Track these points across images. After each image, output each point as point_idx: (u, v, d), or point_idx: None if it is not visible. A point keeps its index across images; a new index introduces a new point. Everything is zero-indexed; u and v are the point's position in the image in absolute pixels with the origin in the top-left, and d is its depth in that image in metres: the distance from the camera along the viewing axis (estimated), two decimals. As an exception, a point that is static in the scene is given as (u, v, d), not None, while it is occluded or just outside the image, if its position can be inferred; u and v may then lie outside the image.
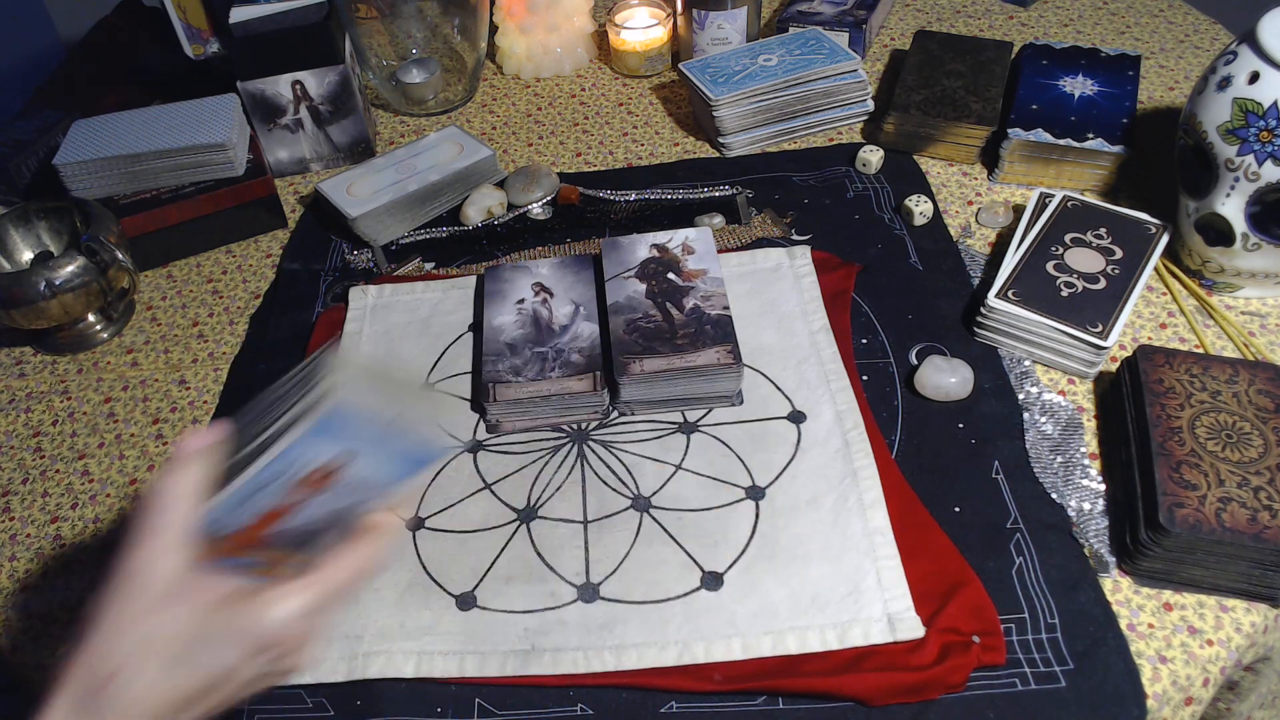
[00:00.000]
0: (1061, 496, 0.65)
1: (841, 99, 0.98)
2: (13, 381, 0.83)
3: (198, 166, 0.91)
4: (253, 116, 0.98)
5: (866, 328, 0.78)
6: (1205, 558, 0.58)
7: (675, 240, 0.80)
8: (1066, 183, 0.89)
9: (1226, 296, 0.78)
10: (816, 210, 0.90)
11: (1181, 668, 0.57)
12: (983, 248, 0.85)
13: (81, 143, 0.92)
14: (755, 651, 0.58)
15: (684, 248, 0.79)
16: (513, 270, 0.80)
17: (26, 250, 0.86)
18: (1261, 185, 0.70)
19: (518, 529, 0.66)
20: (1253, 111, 0.68)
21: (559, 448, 0.71)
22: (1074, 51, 0.97)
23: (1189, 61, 1.06)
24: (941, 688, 0.55)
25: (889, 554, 0.61)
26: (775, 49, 1.00)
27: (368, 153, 1.03)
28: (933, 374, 0.71)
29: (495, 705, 0.57)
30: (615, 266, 0.78)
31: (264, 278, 0.90)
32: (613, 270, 0.78)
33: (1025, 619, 0.59)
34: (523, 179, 0.93)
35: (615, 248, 0.80)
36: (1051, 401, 0.71)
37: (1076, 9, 1.16)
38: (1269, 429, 0.62)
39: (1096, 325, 0.70)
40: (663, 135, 1.03)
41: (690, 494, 0.67)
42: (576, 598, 0.62)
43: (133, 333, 0.87)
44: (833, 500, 0.65)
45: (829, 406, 0.71)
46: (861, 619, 0.58)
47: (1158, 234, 0.78)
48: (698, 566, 0.62)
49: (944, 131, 0.92)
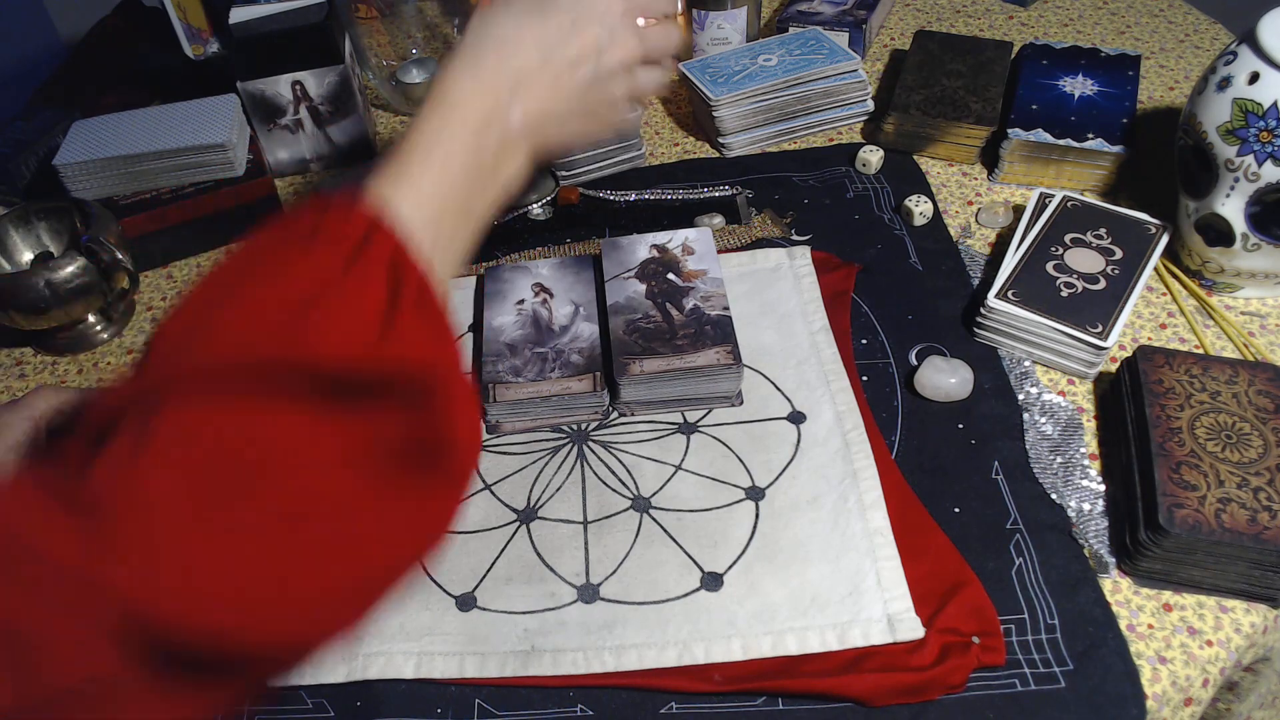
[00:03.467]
0: (1061, 497, 0.65)
1: (841, 99, 0.98)
2: (13, 381, 0.83)
3: (198, 166, 0.91)
4: (253, 116, 0.98)
5: (866, 328, 0.78)
6: (1205, 558, 0.58)
7: (675, 240, 0.80)
8: (1066, 183, 0.89)
9: (1226, 297, 0.78)
10: (816, 210, 0.90)
11: (1181, 668, 0.57)
12: (983, 248, 0.85)
13: (81, 143, 0.92)
14: (755, 652, 0.58)
15: (684, 248, 0.79)
16: (512, 270, 0.80)
17: (26, 250, 0.86)
18: (1261, 185, 0.70)
19: (517, 529, 0.66)
20: (1253, 112, 0.68)
21: (559, 448, 0.71)
22: (1074, 51, 0.97)
23: (1189, 61, 1.06)
24: (941, 688, 0.55)
25: (889, 554, 0.61)
26: (775, 49, 1.00)
27: (368, 153, 1.03)
28: (933, 374, 0.71)
29: (495, 706, 0.57)
30: (615, 267, 0.78)
31: (264, 278, 0.90)
32: (613, 270, 0.78)
33: (1025, 619, 0.59)
34: (522, 179, 0.93)
35: (615, 248, 0.80)
36: (1051, 402, 0.71)
37: (1076, 9, 1.16)
38: (1269, 429, 0.62)
39: (1096, 325, 0.71)
40: (663, 135, 1.03)
41: (690, 494, 0.67)
42: (576, 598, 0.62)
43: (133, 333, 0.87)
44: (833, 501, 0.65)
45: (829, 407, 0.71)
46: (861, 619, 0.58)
47: (1158, 234, 0.78)
48: (697, 567, 0.63)
49: (944, 131, 0.92)
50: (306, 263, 0.40)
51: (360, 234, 0.40)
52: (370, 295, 0.39)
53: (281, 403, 0.36)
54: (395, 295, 0.40)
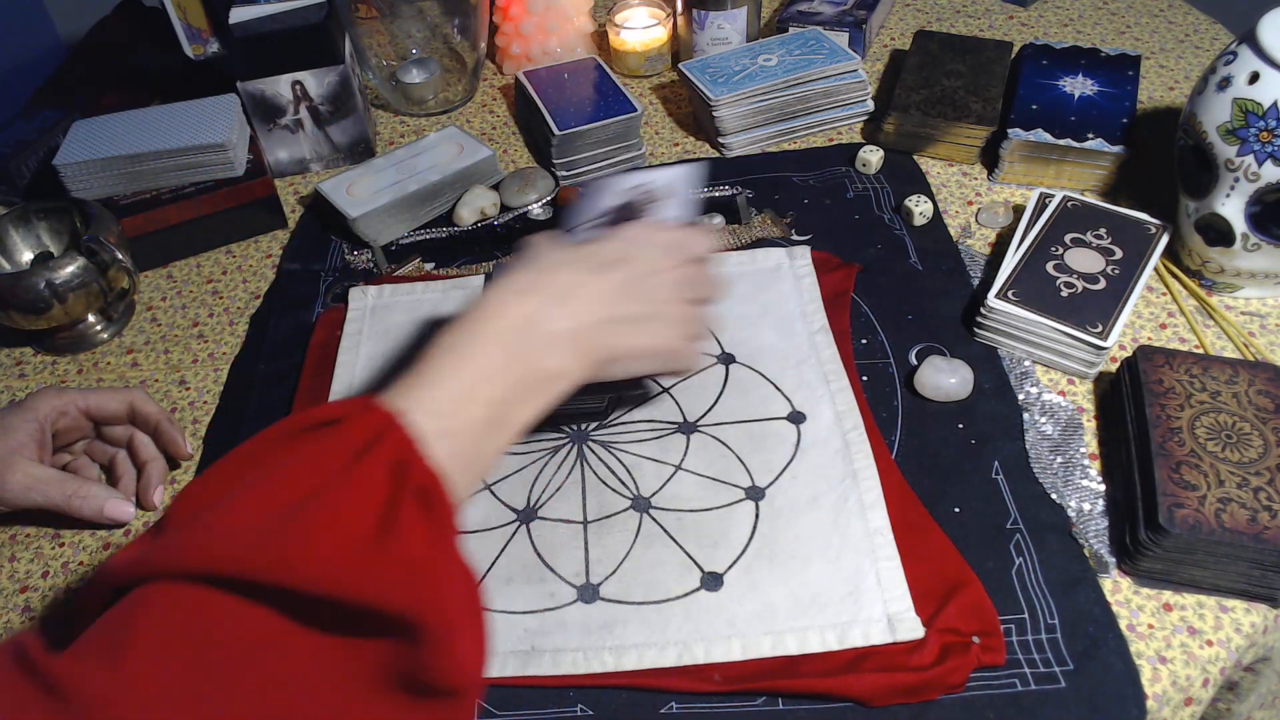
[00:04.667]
0: (1061, 497, 0.65)
1: (841, 99, 0.98)
2: (13, 381, 0.83)
3: (198, 167, 0.91)
4: (253, 116, 0.98)
5: (866, 328, 0.78)
6: (1205, 558, 0.58)
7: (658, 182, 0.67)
8: (1066, 183, 0.89)
9: (1226, 296, 0.78)
10: (816, 210, 0.90)
11: (1181, 668, 0.57)
12: (983, 248, 0.85)
13: (81, 143, 0.92)
14: (755, 652, 0.58)
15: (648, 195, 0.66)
16: None
17: (26, 250, 0.86)
18: (1261, 185, 0.70)
19: (517, 529, 0.66)
20: (1253, 111, 0.68)
21: (559, 448, 0.71)
22: (1074, 51, 0.97)
23: (1189, 61, 1.06)
24: (941, 688, 0.55)
25: (889, 554, 0.61)
26: (775, 49, 1.00)
27: (368, 153, 1.03)
28: (933, 374, 0.71)
29: (495, 705, 0.57)
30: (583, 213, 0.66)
31: (264, 278, 0.90)
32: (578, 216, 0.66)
33: (1025, 619, 0.59)
34: (518, 181, 0.93)
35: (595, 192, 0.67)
36: (1051, 402, 0.71)
37: (1076, 9, 1.16)
38: (1269, 429, 0.62)
39: (1096, 325, 0.70)
40: (663, 135, 1.03)
41: (690, 494, 0.67)
42: (576, 598, 0.62)
43: (133, 333, 0.87)
44: (832, 501, 0.65)
45: (829, 407, 0.71)
46: (861, 619, 0.58)
47: (1158, 234, 0.78)
48: (697, 567, 0.63)
49: (944, 131, 0.92)
50: (313, 458, 0.39)
51: (370, 436, 0.40)
52: (370, 495, 0.38)
53: (269, 619, 0.36)
54: (396, 497, 0.39)
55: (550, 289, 0.50)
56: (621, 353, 0.53)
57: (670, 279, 0.55)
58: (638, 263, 0.54)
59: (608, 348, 0.52)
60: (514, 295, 0.49)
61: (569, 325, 0.50)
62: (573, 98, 0.98)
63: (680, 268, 0.56)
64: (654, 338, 0.54)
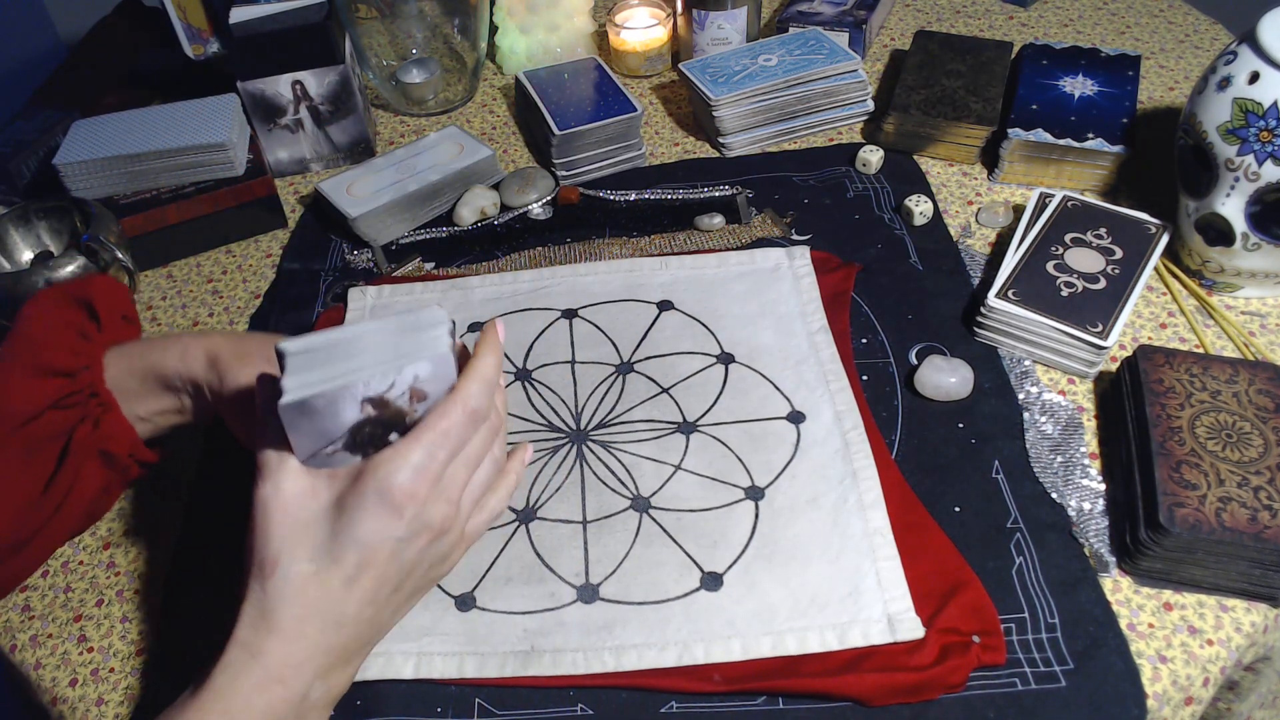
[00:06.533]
0: (1061, 496, 0.65)
1: (841, 99, 0.98)
2: (12, 382, 0.83)
3: (198, 166, 0.91)
4: (253, 116, 0.98)
5: (866, 328, 0.78)
6: (1205, 557, 0.58)
7: (400, 386, 0.48)
8: (1066, 183, 0.89)
9: (1226, 296, 0.78)
10: (816, 210, 0.90)
11: (1181, 667, 0.57)
12: (983, 248, 0.85)
13: (81, 143, 0.92)
14: (755, 652, 0.58)
15: (413, 393, 0.49)
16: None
17: (26, 250, 0.86)
18: (1261, 185, 0.70)
19: (517, 530, 0.66)
20: (1253, 111, 0.68)
21: (558, 448, 0.71)
22: (1074, 51, 0.97)
23: (1189, 61, 1.06)
24: (941, 688, 0.55)
25: (889, 554, 0.61)
26: (775, 49, 1.00)
27: (368, 153, 1.03)
28: (933, 374, 0.71)
29: (495, 706, 0.57)
30: (312, 441, 0.49)
31: (264, 278, 0.90)
32: (309, 448, 0.49)
33: (1025, 619, 0.59)
34: (518, 181, 0.93)
35: (305, 413, 0.47)
36: (1051, 401, 0.71)
37: (1076, 9, 1.16)
38: (1269, 429, 0.62)
39: (1096, 325, 0.70)
40: (663, 135, 1.03)
41: (689, 494, 0.67)
42: (576, 598, 0.62)
43: (132, 333, 0.87)
44: (832, 500, 0.65)
45: (828, 407, 0.71)
46: (861, 619, 0.58)
47: (1158, 234, 0.78)
48: (697, 567, 0.62)
49: (944, 131, 0.92)
50: None
51: None
52: None
53: None
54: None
55: (316, 661, 0.49)
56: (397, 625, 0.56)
57: (425, 556, 0.52)
58: (378, 561, 0.49)
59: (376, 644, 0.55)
60: (276, 681, 0.48)
61: (341, 682, 0.52)
62: (573, 98, 0.98)
63: (429, 535, 0.51)
64: (430, 585, 0.56)
